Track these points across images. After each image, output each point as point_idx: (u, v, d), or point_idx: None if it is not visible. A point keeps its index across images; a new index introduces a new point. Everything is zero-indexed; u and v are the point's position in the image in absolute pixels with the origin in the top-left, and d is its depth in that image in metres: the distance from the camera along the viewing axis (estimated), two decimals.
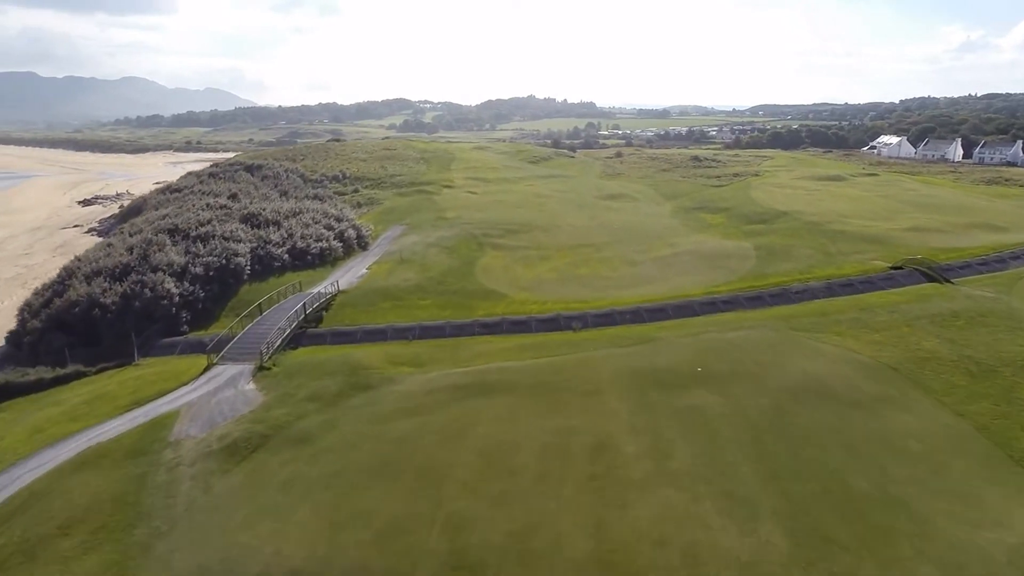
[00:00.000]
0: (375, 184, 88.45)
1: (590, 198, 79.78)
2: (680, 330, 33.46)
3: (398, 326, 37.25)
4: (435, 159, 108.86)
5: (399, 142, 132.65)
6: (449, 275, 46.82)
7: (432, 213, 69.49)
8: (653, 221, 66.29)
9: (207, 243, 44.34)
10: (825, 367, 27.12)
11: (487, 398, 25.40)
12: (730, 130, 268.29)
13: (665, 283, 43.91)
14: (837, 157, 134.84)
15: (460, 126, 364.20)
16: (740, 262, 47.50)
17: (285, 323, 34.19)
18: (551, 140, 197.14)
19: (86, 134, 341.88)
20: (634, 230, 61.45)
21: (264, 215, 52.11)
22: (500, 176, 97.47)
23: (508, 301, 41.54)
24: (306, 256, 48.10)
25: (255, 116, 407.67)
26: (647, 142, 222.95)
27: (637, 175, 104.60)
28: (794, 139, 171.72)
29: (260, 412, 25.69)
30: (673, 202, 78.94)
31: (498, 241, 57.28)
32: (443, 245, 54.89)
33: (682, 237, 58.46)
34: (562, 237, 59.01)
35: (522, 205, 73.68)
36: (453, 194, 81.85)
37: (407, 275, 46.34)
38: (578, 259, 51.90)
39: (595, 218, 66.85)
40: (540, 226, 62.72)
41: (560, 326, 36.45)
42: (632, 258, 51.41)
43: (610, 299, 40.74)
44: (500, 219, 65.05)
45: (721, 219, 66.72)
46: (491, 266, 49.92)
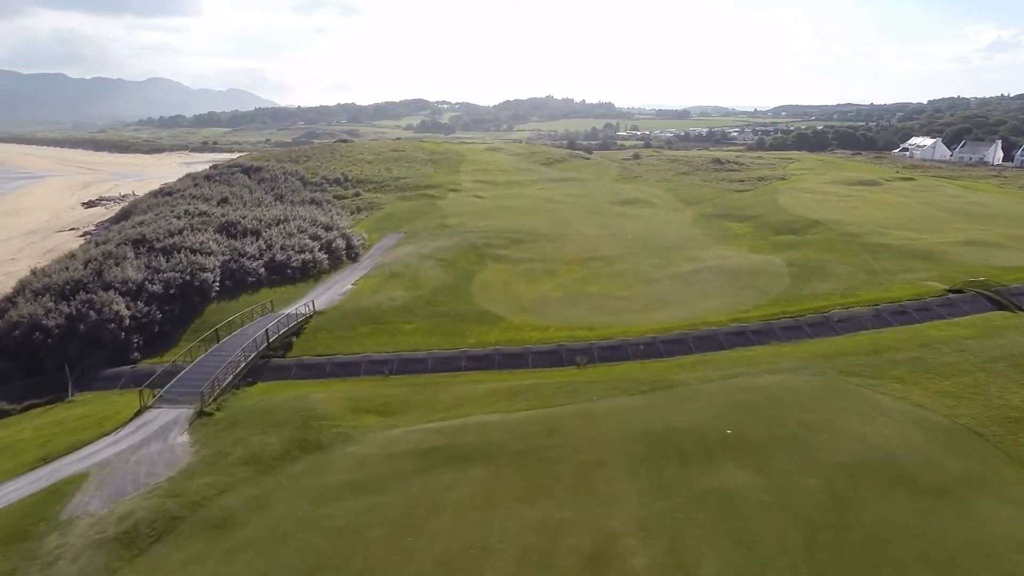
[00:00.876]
0: (378, 187, 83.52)
1: (604, 203, 73.97)
2: (703, 370, 27.75)
3: (375, 357, 31.98)
4: (444, 161, 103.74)
5: (408, 143, 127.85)
6: (442, 293, 41.51)
7: (433, 219, 64.28)
8: (672, 230, 60.34)
9: (172, 256, 39.53)
10: (890, 431, 21.26)
11: (459, 470, 19.99)
12: (752, 131, 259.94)
13: (685, 306, 38.14)
14: (868, 160, 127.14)
15: (477, 126, 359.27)
16: (771, 281, 41.52)
17: (240, 355, 29.11)
18: (567, 141, 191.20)
19: (109, 134, 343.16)
20: (651, 240, 55.61)
21: (243, 224, 47.26)
22: (510, 179, 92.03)
23: (505, 326, 36.10)
24: (285, 270, 43.11)
25: (274, 116, 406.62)
26: (666, 143, 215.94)
27: (655, 178, 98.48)
28: (820, 140, 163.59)
29: (180, 480, 20.57)
30: (694, 208, 72.82)
31: (501, 252, 51.86)
32: (440, 257, 49.61)
33: (704, 249, 52.50)
34: (571, 248, 53.41)
35: (530, 211, 68.16)
36: (458, 198, 76.57)
37: (395, 293, 41.12)
38: (587, 274, 46.28)
39: (608, 226, 61.09)
40: (548, 235, 57.16)
41: (562, 360, 30.92)
42: (648, 274, 45.65)
43: (622, 326, 35.09)
44: (505, 227, 59.63)
45: (747, 228, 60.56)
46: (490, 282, 44.53)
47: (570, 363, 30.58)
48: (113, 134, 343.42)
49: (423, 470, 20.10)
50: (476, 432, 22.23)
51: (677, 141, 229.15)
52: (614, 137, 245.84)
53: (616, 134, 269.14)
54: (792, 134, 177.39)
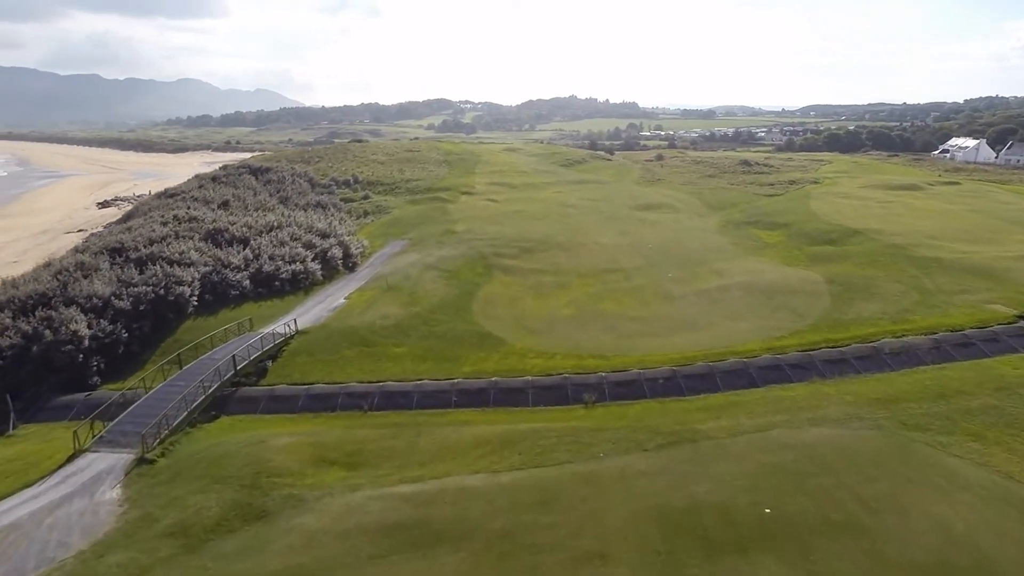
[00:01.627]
0: (388, 189, 79.96)
1: (624, 208, 69.32)
2: (733, 416, 23.25)
3: (355, 388, 28.00)
4: (459, 162, 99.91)
5: (424, 143, 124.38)
6: (440, 310, 37.49)
7: (442, 225, 60.37)
8: (696, 239, 55.51)
9: (147, 268, 36.14)
10: (975, 516, 16.61)
11: (426, 556, 15.87)
12: (780, 131, 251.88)
13: (711, 330, 33.52)
14: (905, 162, 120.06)
15: (499, 126, 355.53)
16: (809, 301, 36.65)
17: (197, 388, 25.39)
18: (588, 141, 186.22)
19: (138, 134, 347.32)
20: (673, 251, 50.90)
21: (231, 231, 43.79)
22: (526, 181, 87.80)
23: (506, 351, 31.92)
24: (273, 282, 39.48)
25: (299, 116, 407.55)
26: (691, 144, 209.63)
27: (679, 181, 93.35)
28: (853, 141, 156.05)
29: (90, 558, 16.81)
30: (720, 214, 67.76)
31: (509, 263, 47.70)
32: (443, 268, 45.63)
33: (732, 261, 47.65)
34: (586, 258, 49.00)
35: (545, 216, 63.84)
36: (470, 202, 72.58)
37: (389, 309, 37.21)
38: (602, 289, 41.85)
39: (627, 234, 56.49)
40: (562, 243, 52.82)
41: (567, 397, 26.64)
42: (669, 290, 41.06)
43: (637, 353, 30.67)
44: (517, 234, 55.44)
45: (779, 237, 55.47)
46: (495, 297, 40.39)
47: (576, 401, 26.29)
48: (142, 134, 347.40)
49: (382, 555, 16.02)
50: (453, 501, 18.08)
51: (702, 141, 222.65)
52: (637, 137, 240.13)
53: (639, 134, 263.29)
54: (823, 134, 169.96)
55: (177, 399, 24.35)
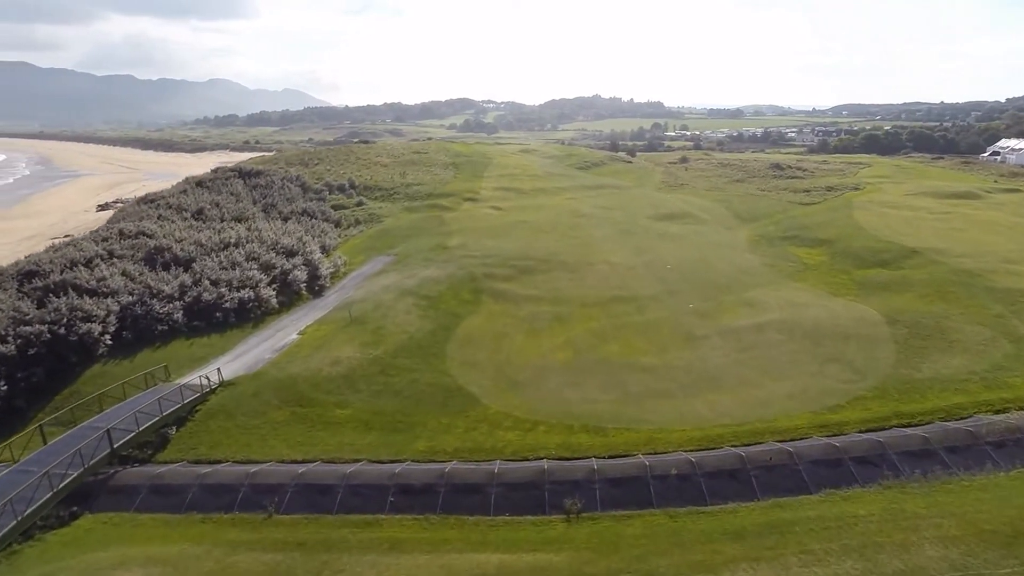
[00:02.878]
0: (386, 195, 73.24)
1: (641, 219, 61.44)
2: (779, 553, 15.69)
3: (265, 477, 20.84)
4: (467, 164, 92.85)
5: (433, 144, 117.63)
6: (407, 352, 30.40)
7: (434, 238, 53.31)
8: (724, 258, 47.48)
9: (50, 300, 29.72)
10: None
11: None
12: (812, 131, 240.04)
13: (741, 391, 25.81)
14: (953, 165, 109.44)
15: (521, 126, 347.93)
16: (868, 350, 28.64)
17: (38, 487, 18.55)
18: (609, 142, 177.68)
19: (165, 133, 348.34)
20: (696, 273, 43.03)
21: (174, 251, 37.25)
22: (537, 186, 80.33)
23: (476, 416, 24.69)
24: (213, 313, 32.81)
25: (322, 116, 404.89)
26: (717, 144, 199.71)
27: (704, 186, 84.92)
28: (893, 142, 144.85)
29: None
30: (751, 227, 59.49)
31: (502, 287, 40.44)
32: (423, 293, 38.56)
33: (766, 288, 39.65)
34: (593, 282, 41.45)
35: (552, 228, 56.35)
36: (471, 210, 65.48)
37: (343, 351, 30.22)
38: (608, 325, 34.29)
39: (643, 251, 48.69)
40: (567, 263, 45.34)
41: (543, 502, 19.25)
42: (690, 327, 33.31)
43: (645, 426, 23.18)
44: (517, 250, 48.12)
45: (820, 256, 47.17)
46: (477, 334, 33.15)
47: (555, 507, 18.92)
48: (170, 133, 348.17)
49: None
50: None
51: (729, 142, 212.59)
52: (661, 138, 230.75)
53: (664, 134, 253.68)
54: (860, 135, 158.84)
55: (13, 493, 17.63)
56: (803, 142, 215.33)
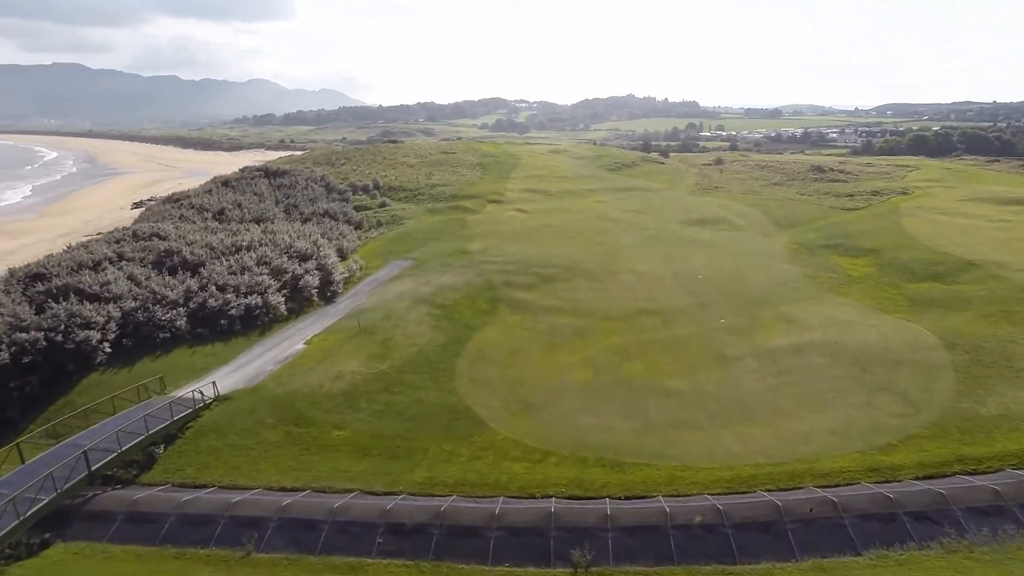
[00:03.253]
0: (410, 196, 71.81)
1: (672, 224, 58.53)
2: None
3: (247, 508, 19.07)
4: (494, 165, 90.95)
5: (462, 144, 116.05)
6: (415, 367, 28.53)
7: (454, 242, 51.45)
8: (760, 268, 44.41)
9: (49, 305, 28.76)
10: None
11: None
12: (854, 132, 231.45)
13: (778, 425, 23.14)
14: (1010, 169, 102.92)
15: (553, 126, 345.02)
16: (924, 379, 25.59)
17: (8, 505, 17.20)
18: (642, 142, 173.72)
19: (206, 132, 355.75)
20: (729, 285, 40.14)
21: (183, 254, 36.14)
22: (565, 188, 77.87)
23: (482, 442, 22.63)
24: (218, 320, 31.51)
25: (356, 115, 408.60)
26: (754, 145, 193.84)
27: (739, 189, 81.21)
28: (943, 144, 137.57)
29: None
30: (789, 233, 56.04)
31: (522, 296, 38.29)
32: (438, 301, 36.69)
33: (807, 303, 36.57)
34: (617, 293, 38.96)
35: (577, 234, 53.94)
36: (496, 213, 63.46)
37: (347, 365, 28.51)
38: (632, 341, 31.82)
39: (673, 259, 45.92)
40: (591, 271, 42.93)
41: (547, 552, 17.05)
42: (721, 347, 30.62)
43: (668, 462, 20.77)
44: (539, 256, 45.93)
45: (866, 268, 43.72)
46: (492, 348, 31.09)
47: (561, 558, 16.71)
48: (209, 131, 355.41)
49: None
50: None
51: (767, 143, 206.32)
52: (696, 138, 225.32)
53: (698, 135, 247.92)
54: (907, 136, 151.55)
55: None
56: (845, 143, 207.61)
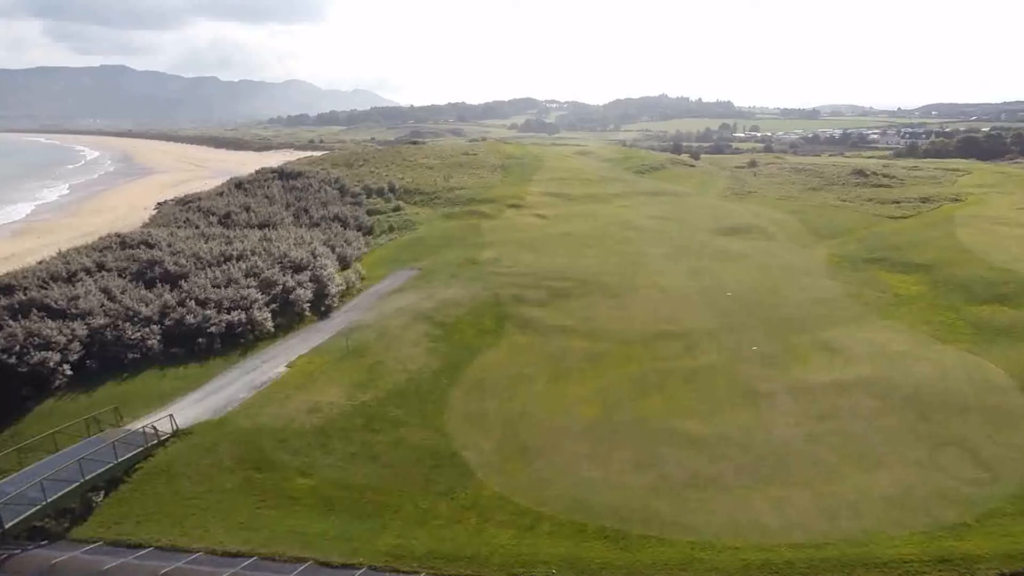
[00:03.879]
0: (426, 200, 68.91)
1: (701, 232, 54.28)
2: None
3: None
4: (517, 167, 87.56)
5: (485, 145, 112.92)
6: (402, 399, 25.33)
7: (466, 249, 48.21)
8: (797, 284, 40.03)
9: (8, 322, 26.37)
10: None
11: None
12: (897, 133, 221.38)
13: (819, 485, 19.15)
14: None
15: (583, 126, 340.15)
16: (997, 430, 21.28)
17: None
18: (672, 144, 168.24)
19: (239, 131, 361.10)
20: (762, 304, 35.96)
21: (165, 265, 33.61)
22: (589, 192, 74.02)
23: (465, 499, 19.24)
24: (196, 339, 28.79)
25: (386, 115, 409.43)
26: (790, 147, 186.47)
27: (775, 194, 76.20)
28: (995, 146, 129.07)
29: None
30: (829, 244, 51.31)
31: (532, 313, 34.81)
32: (439, 319, 33.46)
33: (851, 327, 32.21)
34: (638, 312, 35.14)
35: (598, 242, 50.17)
36: (513, 219, 60.07)
37: (328, 394, 25.46)
38: (650, 369, 28.06)
39: (700, 273, 41.84)
40: (609, 285, 39.18)
41: None
42: (751, 380, 26.63)
43: (684, 536, 17.07)
44: (554, 267, 42.39)
45: (919, 286, 39.00)
46: (491, 376, 27.70)
47: None
48: (244, 131, 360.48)
49: None
50: None
51: (803, 144, 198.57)
52: (729, 139, 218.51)
53: (732, 135, 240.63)
54: (955, 138, 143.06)
55: None
56: (887, 144, 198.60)
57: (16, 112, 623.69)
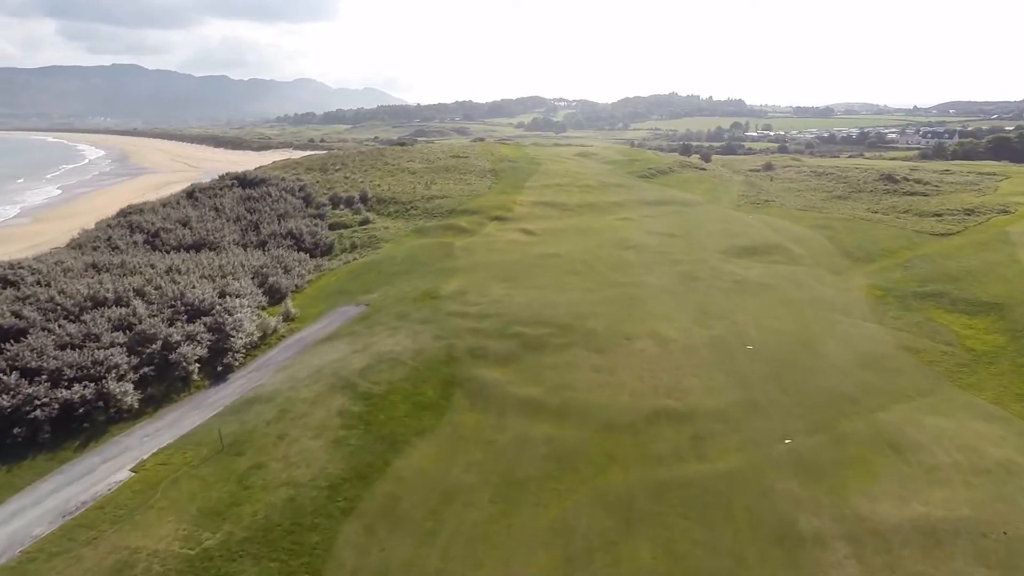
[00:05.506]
0: (401, 211, 60.43)
1: (712, 254, 45.34)
2: None
3: None
4: (510, 171, 78.88)
5: (479, 146, 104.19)
6: (266, 541, 16.88)
7: (429, 278, 39.71)
8: (835, 330, 31.01)
9: None
10: None
11: None
12: (917, 132, 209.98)
13: None
14: None
15: (591, 125, 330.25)
16: None
17: None
18: (682, 143, 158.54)
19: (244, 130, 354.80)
20: (794, 365, 27.05)
21: (5, 315, 25.26)
22: (586, 200, 65.26)
23: None
24: (10, 429, 20.55)
25: (393, 114, 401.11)
26: (806, 147, 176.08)
27: (796, 203, 67.02)
28: None
29: None
30: (867, 270, 42.26)
31: (491, 375, 26.20)
32: (364, 388, 24.94)
33: (920, 409, 23.28)
34: (628, 377, 26.36)
35: (588, 268, 41.47)
36: (494, 235, 51.42)
37: (160, 530, 17.03)
38: (639, 485, 19.34)
39: (711, 315, 32.93)
40: (596, 332, 30.45)
41: None
42: (789, 509, 17.85)
43: None
44: (530, 305, 33.75)
45: (993, 335, 29.93)
46: (410, 492, 19.15)
47: None
48: (249, 130, 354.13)
49: None
50: None
51: (819, 144, 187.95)
52: (741, 139, 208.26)
53: (744, 135, 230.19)
54: (984, 138, 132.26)
55: None
56: (907, 144, 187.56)
57: (29, 111, 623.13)
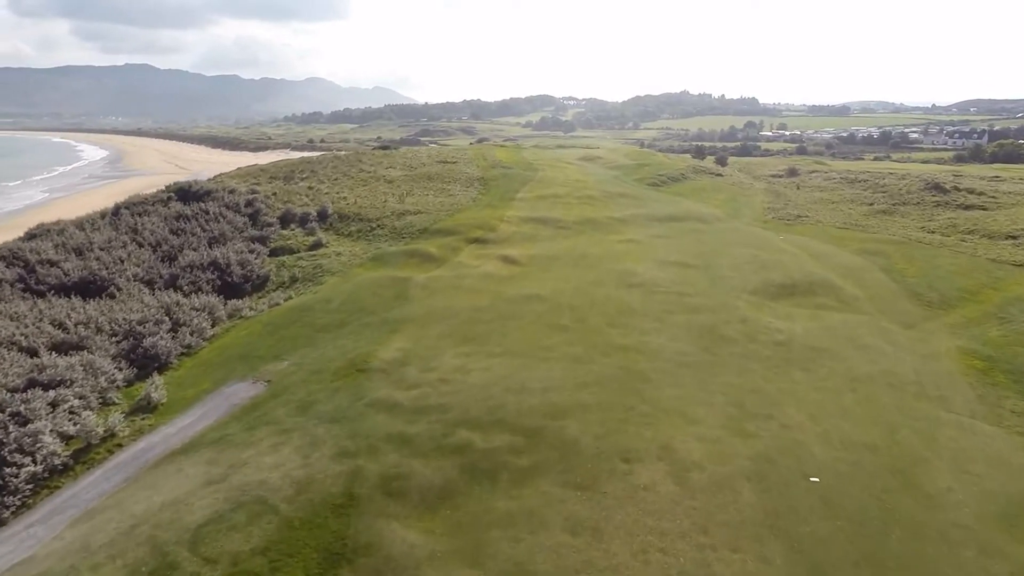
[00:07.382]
0: (364, 230, 50.41)
1: (740, 296, 34.72)
2: None
3: None
4: (501, 179, 68.70)
5: (471, 150, 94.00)
6: None
7: (365, 335, 29.55)
8: (938, 443, 20.46)
9: None
10: None
11: None
12: (941, 131, 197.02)
13: None
14: None
15: (600, 124, 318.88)
16: None
17: None
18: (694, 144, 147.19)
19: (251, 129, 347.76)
20: (894, 529, 16.59)
21: None
22: (585, 215, 54.86)
23: None
24: None
25: (400, 113, 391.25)
26: (825, 147, 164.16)
27: (833, 219, 56.22)
28: None
29: None
30: (949, 321, 31.54)
31: (407, 540, 16.06)
32: (192, 568, 14.94)
33: None
34: (623, 554, 15.96)
35: (580, 319, 31.05)
36: (467, 265, 41.21)
37: None
38: None
39: (747, 410, 22.45)
40: (580, 446, 20.09)
41: None
42: None
43: None
44: (492, 389, 23.51)
45: None
46: None
47: None
48: (255, 130, 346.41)
49: None
50: None
51: (839, 144, 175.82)
52: (756, 138, 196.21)
53: (759, 134, 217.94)
54: None
55: None
56: (933, 145, 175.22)
57: (42, 110, 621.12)
